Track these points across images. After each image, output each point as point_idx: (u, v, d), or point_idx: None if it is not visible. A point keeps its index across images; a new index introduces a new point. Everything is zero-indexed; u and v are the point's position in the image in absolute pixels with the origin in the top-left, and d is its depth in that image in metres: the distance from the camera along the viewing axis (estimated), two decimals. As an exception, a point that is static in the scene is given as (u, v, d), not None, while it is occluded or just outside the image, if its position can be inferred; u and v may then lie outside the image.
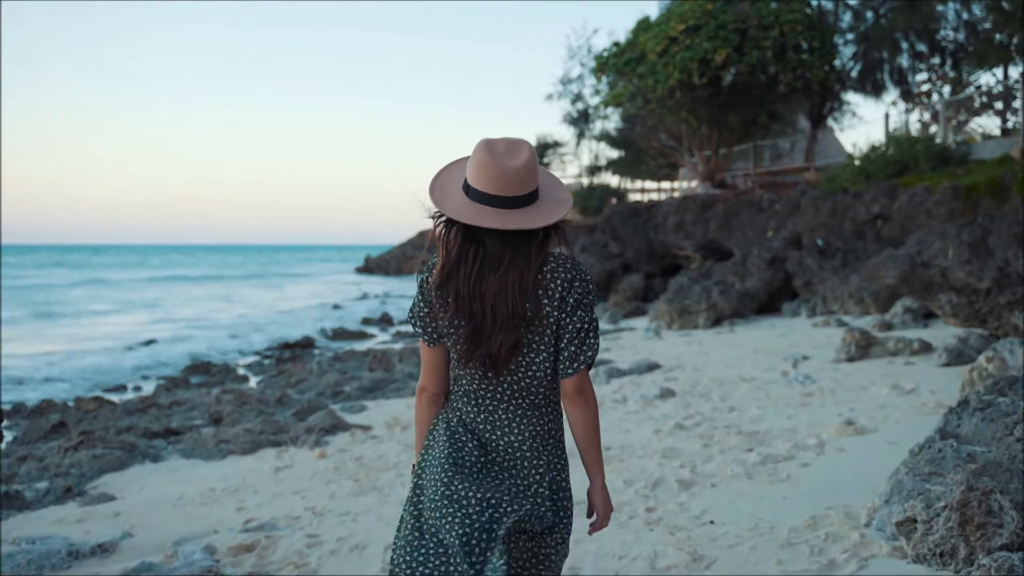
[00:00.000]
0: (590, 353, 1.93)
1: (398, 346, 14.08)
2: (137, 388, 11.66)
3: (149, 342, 17.24)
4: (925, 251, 7.39)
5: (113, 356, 15.34)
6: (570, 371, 1.93)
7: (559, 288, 1.90)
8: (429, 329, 1.98)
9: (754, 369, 8.54)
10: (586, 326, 1.93)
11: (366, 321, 21.15)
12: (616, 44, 23.41)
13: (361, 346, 15.50)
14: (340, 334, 18.17)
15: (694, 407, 6.78)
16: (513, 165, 1.87)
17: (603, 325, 14.74)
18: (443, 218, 1.92)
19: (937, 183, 13.72)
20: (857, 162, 17.52)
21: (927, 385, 6.66)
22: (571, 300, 1.91)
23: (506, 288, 1.86)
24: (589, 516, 2.08)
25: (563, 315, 1.91)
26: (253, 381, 11.84)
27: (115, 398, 10.00)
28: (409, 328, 18.89)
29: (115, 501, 5.37)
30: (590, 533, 2.09)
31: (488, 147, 1.90)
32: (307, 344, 16.43)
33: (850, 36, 22.63)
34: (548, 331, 1.92)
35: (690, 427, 5.98)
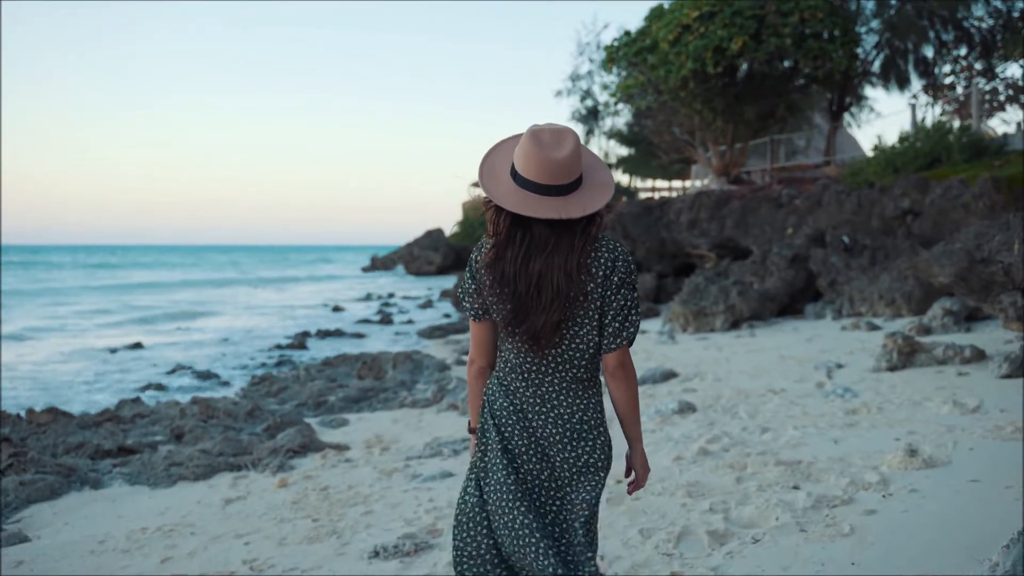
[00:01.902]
0: (632, 330, 2.02)
1: (395, 349, 13.15)
2: (108, 395, 10.79)
3: (134, 346, 16.37)
4: (985, 245, 6.41)
5: (92, 360, 14.47)
6: (613, 346, 2.01)
7: (602, 268, 1.98)
8: (476, 304, 2.06)
9: (783, 379, 7.59)
10: (629, 303, 2.01)
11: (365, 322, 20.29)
12: (627, 33, 22.40)
13: (355, 348, 14.57)
14: (335, 334, 17.34)
15: (719, 426, 5.84)
16: (558, 156, 1.92)
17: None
18: (492, 204, 1.98)
19: (973, 176, 12.72)
20: (873, 153, 16.50)
21: (993, 401, 5.68)
22: (615, 279, 1.98)
23: (552, 270, 1.93)
24: (627, 475, 2.17)
25: (608, 292, 1.99)
26: (233, 388, 10.97)
27: (77, 409, 9.13)
28: (408, 328, 18.07)
29: (27, 544, 4.47)
30: (629, 493, 2.17)
31: (535, 137, 1.94)
32: (298, 346, 15.64)
33: (874, 24, 21.51)
34: (591, 308, 1.99)
35: (717, 452, 5.03)
